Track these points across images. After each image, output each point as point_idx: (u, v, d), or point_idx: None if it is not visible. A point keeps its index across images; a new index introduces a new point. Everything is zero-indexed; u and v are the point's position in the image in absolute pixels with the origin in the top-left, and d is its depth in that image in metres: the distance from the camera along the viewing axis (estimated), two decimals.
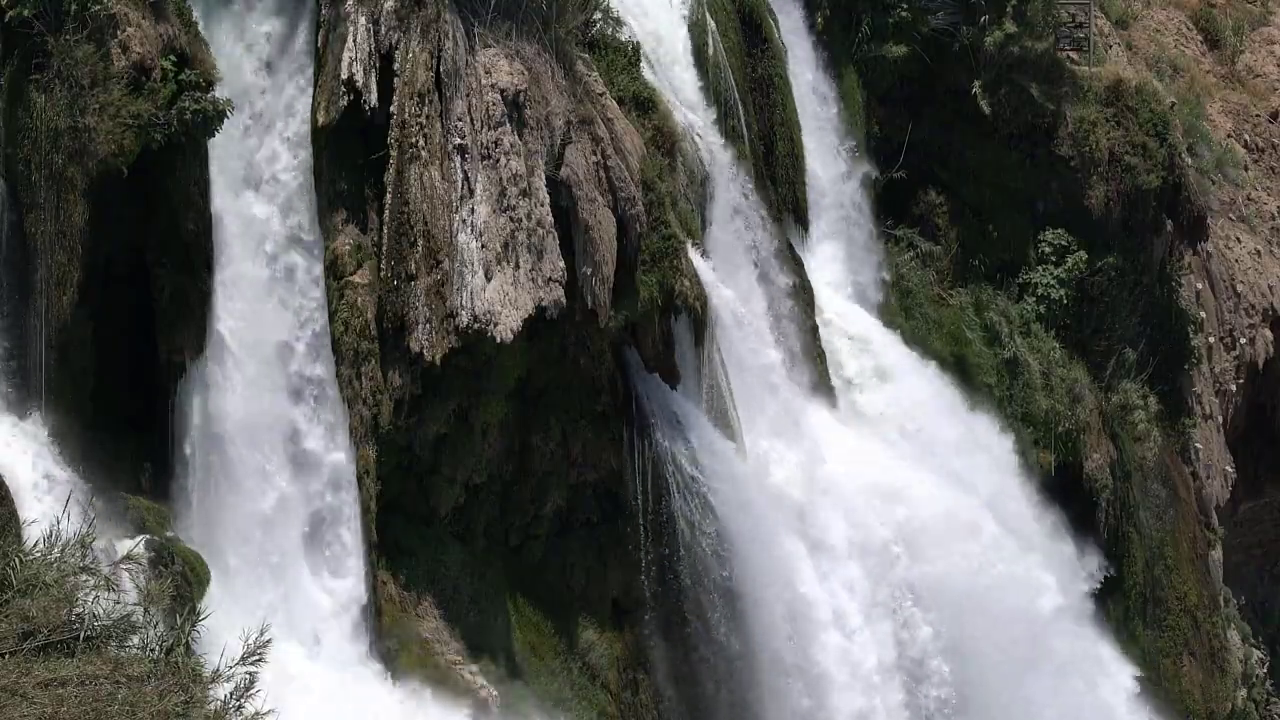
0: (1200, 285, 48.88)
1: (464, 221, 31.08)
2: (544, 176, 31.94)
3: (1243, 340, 50.28)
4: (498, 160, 31.47)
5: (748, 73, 39.53)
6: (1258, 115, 54.39)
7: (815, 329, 38.97)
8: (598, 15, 35.01)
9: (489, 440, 32.72)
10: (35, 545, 14.93)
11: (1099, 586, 43.04)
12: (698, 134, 37.13)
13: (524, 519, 33.60)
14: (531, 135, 31.92)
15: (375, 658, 30.68)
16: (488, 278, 31.02)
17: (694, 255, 35.18)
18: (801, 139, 40.64)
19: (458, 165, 31.22)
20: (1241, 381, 50.53)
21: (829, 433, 38.54)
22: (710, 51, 38.21)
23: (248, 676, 13.59)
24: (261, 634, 13.72)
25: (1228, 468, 49.59)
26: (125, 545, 25.79)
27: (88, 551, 14.74)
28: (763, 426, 36.78)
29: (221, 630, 16.36)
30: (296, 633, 29.71)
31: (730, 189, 37.64)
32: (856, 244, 42.37)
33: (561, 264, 31.75)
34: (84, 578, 14.64)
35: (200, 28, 29.19)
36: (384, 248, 30.91)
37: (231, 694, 13.76)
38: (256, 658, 13.54)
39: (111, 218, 28.12)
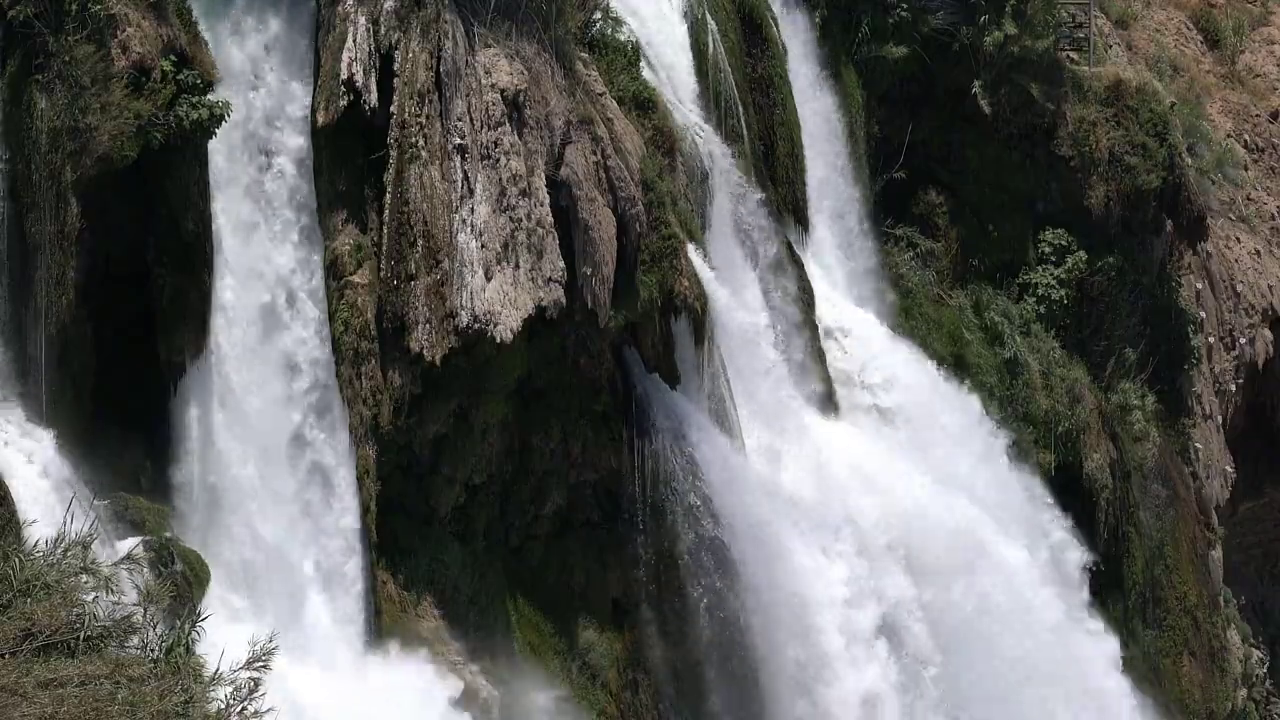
0: (1200, 285, 48.88)
1: (464, 221, 31.08)
2: (544, 176, 31.94)
3: (1243, 340, 50.27)
4: (498, 160, 31.47)
5: (748, 73, 39.53)
6: (1258, 115, 54.37)
7: (815, 328, 38.97)
8: (598, 15, 35.02)
9: (489, 440, 32.72)
10: (36, 546, 14.94)
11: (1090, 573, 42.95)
12: (698, 134, 37.12)
13: (524, 519, 33.60)
14: (531, 135, 31.92)
15: (375, 656, 30.66)
16: (488, 278, 31.02)
17: (694, 255, 35.18)
18: (801, 139, 40.63)
19: (458, 165, 31.22)
20: (1241, 381, 50.51)
21: (829, 432, 38.55)
22: (710, 51, 38.20)
23: (251, 681, 13.58)
24: (269, 640, 13.71)
25: (1228, 468, 49.57)
26: (125, 545, 25.78)
27: (89, 552, 14.74)
28: (762, 426, 36.78)
29: (221, 631, 16.36)
30: (296, 631, 29.69)
31: (730, 189, 37.63)
32: (856, 244, 42.36)
33: (561, 264, 31.75)
34: (84, 578, 14.63)
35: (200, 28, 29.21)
36: (384, 248, 30.90)
37: (233, 694, 13.76)
38: (262, 663, 13.53)
39: (111, 218, 28.12)
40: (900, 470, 39.34)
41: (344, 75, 30.39)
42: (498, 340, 30.99)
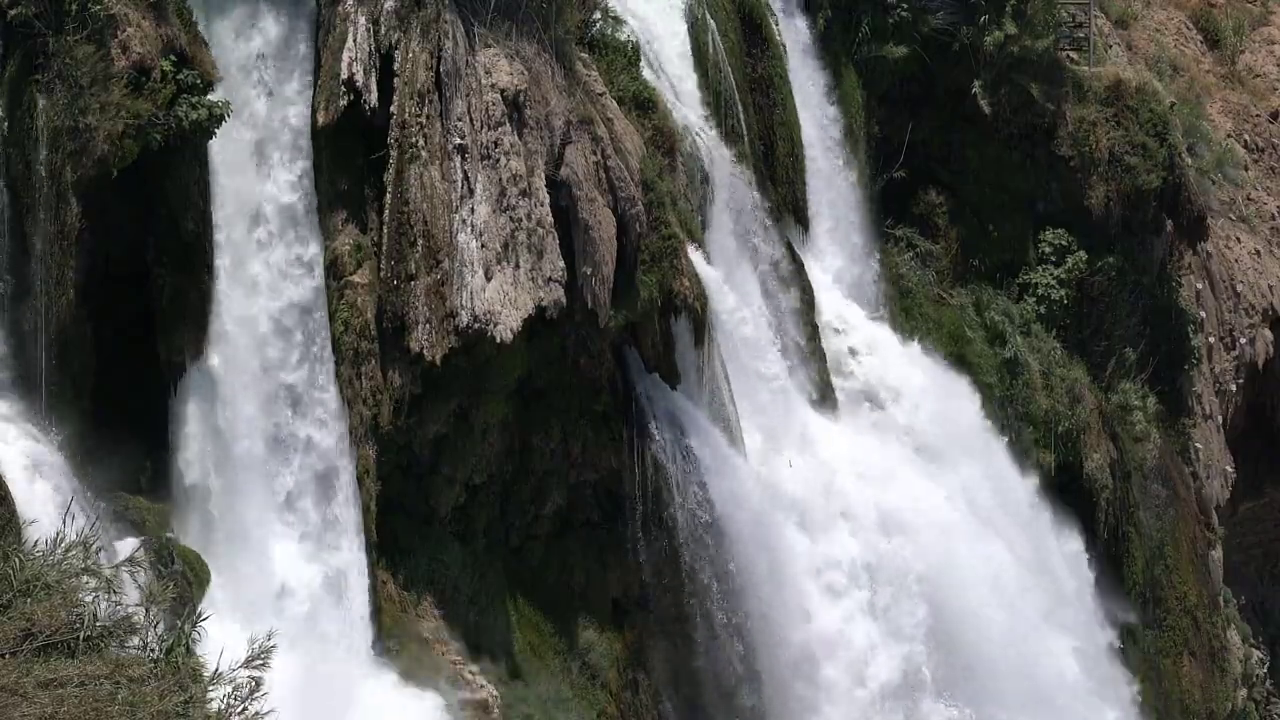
0: (1200, 285, 48.86)
1: (464, 221, 31.09)
2: (544, 176, 31.95)
3: (1243, 340, 50.25)
4: (498, 160, 31.48)
5: (748, 73, 39.53)
6: (1258, 115, 54.35)
7: (815, 329, 38.97)
8: (597, 15, 35.03)
9: (489, 440, 32.73)
10: (36, 546, 14.93)
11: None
12: (698, 134, 37.13)
13: (524, 519, 33.60)
14: (531, 135, 31.93)
15: (375, 657, 30.67)
16: (488, 278, 31.03)
17: (694, 255, 35.19)
18: (801, 139, 40.63)
19: (458, 165, 31.23)
20: (1241, 381, 50.49)
21: (828, 432, 38.57)
22: (710, 51, 38.21)
23: (252, 680, 13.57)
24: (268, 639, 13.71)
25: (1228, 468, 49.56)
26: (125, 545, 25.78)
27: (90, 552, 14.73)
28: (762, 426, 36.79)
29: (220, 632, 16.36)
30: (295, 631, 29.69)
31: (730, 189, 37.63)
32: (856, 244, 42.37)
33: (561, 264, 31.76)
34: (85, 579, 14.63)
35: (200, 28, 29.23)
36: (384, 248, 30.91)
37: (233, 694, 13.75)
38: (260, 662, 13.52)
39: (111, 218, 28.13)
40: (899, 468, 39.35)
41: (344, 75, 30.40)
42: (498, 340, 31.00)
